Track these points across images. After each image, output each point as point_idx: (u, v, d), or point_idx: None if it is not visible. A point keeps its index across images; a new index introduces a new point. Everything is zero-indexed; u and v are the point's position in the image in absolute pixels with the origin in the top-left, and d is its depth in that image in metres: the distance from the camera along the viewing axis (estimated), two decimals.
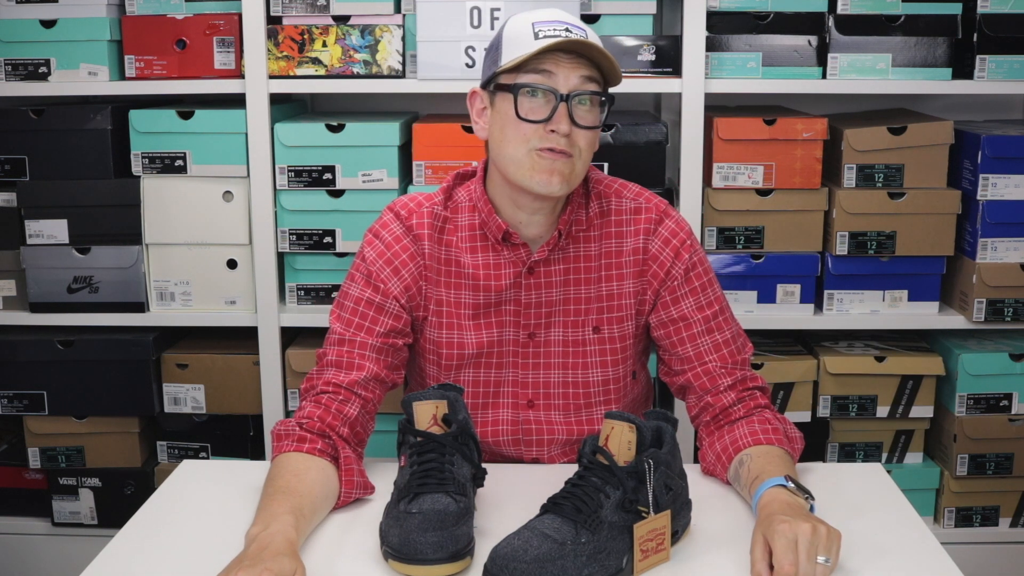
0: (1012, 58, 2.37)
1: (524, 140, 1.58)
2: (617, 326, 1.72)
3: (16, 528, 2.66)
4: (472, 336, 1.71)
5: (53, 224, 2.46)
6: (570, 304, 1.71)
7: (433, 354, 1.74)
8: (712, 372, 1.68)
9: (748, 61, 2.38)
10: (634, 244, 1.70)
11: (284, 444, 1.55)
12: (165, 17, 2.40)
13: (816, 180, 2.41)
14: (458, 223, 1.71)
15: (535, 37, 1.55)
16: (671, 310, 1.70)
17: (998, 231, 2.39)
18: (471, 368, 1.73)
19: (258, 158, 2.40)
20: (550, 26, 1.56)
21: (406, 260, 1.69)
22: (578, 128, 1.57)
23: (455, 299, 1.71)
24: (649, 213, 1.71)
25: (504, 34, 1.60)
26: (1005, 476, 2.52)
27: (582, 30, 1.58)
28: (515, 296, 1.70)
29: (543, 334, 1.72)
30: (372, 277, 1.68)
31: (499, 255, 1.69)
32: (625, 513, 1.32)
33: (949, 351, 2.49)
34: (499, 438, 1.75)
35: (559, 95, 1.55)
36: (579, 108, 1.58)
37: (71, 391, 2.54)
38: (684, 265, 1.70)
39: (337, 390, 1.61)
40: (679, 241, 1.70)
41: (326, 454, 1.54)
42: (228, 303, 2.50)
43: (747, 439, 1.59)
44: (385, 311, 1.68)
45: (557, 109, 1.55)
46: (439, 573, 1.30)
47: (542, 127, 1.56)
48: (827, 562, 1.29)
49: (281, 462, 1.52)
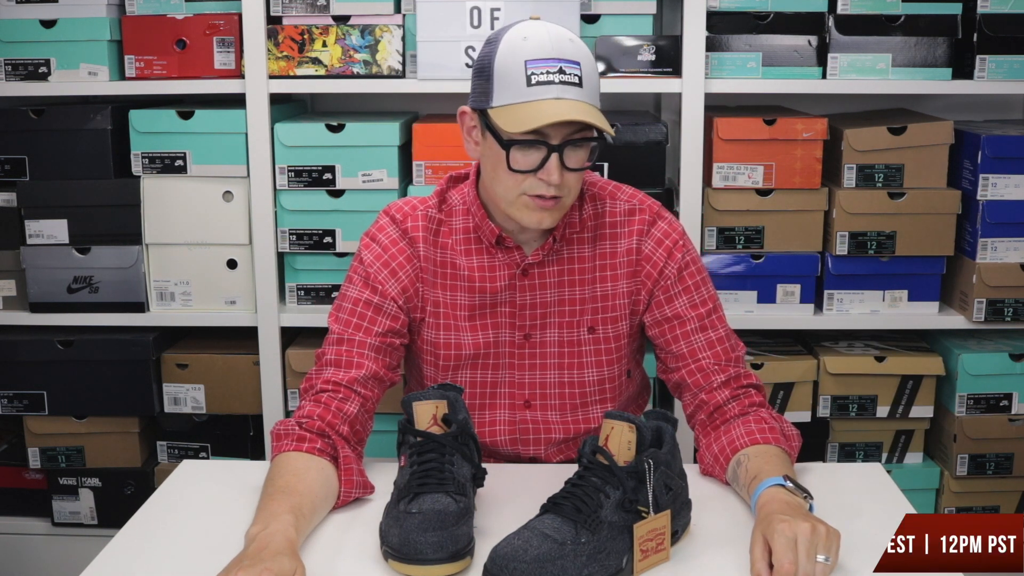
0: (1012, 58, 2.36)
1: (515, 185, 1.59)
2: (612, 326, 1.73)
3: (16, 528, 2.66)
4: (468, 337, 1.72)
5: (53, 224, 2.46)
6: (564, 305, 1.72)
7: (431, 355, 1.75)
8: (706, 369, 1.68)
9: (748, 61, 2.38)
10: (628, 245, 1.72)
11: (283, 444, 1.55)
12: (165, 17, 2.40)
13: (816, 180, 2.41)
14: (452, 226, 1.72)
15: (528, 83, 1.53)
16: (665, 309, 1.71)
17: (998, 231, 2.39)
18: (468, 369, 1.74)
19: (258, 158, 2.40)
20: (543, 67, 1.53)
21: (403, 263, 1.70)
22: (568, 172, 1.58)
23: (451, 300, 1.72)
24: (643, 215, 1.73)
25: (496, 65, 1.56)
26: (1005, 476, 2.51)
27: (575, 64, 1.54)
28: (510, 298, 1.71)
29: (538, 335, 1.73)
30: (370, 279, 1.69)
31: (493, 257, 1.71)
32: (625, 513, 1.32)
33: (949, 351, 2.49)
34: (496, 438, 1.76)
35: (550, 147, 1.55)
36: (570, 154, 1.57)
37: (71, 391, 2.53)
38: (677, 265, 1.71)
39: (337, 388, 1.62)
40: (671, 242, 1.72)
41: (326, 453, 1.54)
42: (228, 303, 2.50)
43: (744, 439, 1.59)
44: (383, 312, 1.68)
45: (548, 160, 1.56)
46: (439, 573, 1.30)
47: (532, 175, 1.57)
48: (827, 561, 1.29)
49: (281, 462, 1.52)
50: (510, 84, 1.55)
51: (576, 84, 1.54)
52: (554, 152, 1.55)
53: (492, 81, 1.57)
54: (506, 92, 1.55)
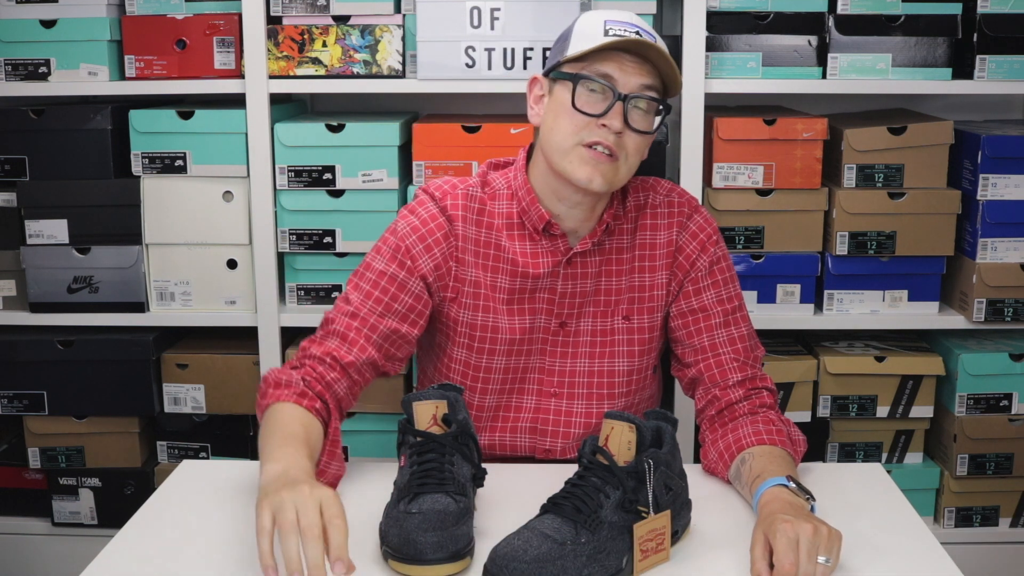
0: (1012, 58, 2.37)
1: (575, 131, 1.58)
2: (647, 316, 1.74)
3: (16, 528, 2.66)
4: (505, 321, 1.71)
5: (53, 224, 2.46)
6: (601, 295, 1.72)
7: (466, 336, 1.73)
8: (724, 365, 1.68)
9: (748, 61, 2.38)
10: (668, 237, 1.72)
11: (284, 393, 1.55)
12: (165, 17, 2.40)
13: (816, 180, 2.41)
14: (495, 209, 1.71)
15: (605, 34, 1.56)
16: (692, 300, 1.72)
17: (998, 231, 2.40)
18: (503, 355, 1.73)
19: (258, 158, 2.40)
20: (621, 26, 1.57)
21: (439, 239, 1.68)
22: (630, 130, 1.58)
23: (491, 282, 1.70)
24: (682, 207, 1.74)
25: (575, 27, 1.61)
26: (1005, 476, 2.52)
27: (651, 36, 1.58)
28: (551, 285, 1.70)
29: (574, 323, 1.73)
30: (400, 252, 1.67)
31: (537, 244, 1.69)
32: (625, 513, 1.32)
33: (949, 351, 2.49)
34: (519, 425, 1.76)
35: (617, 93, 1.56)
36: (635, 111, 1.58)
37: (71, 391, 2.54)
38: (709, 259, 1.72)
39: (334, 364, 1.62)
40: (706, 236, 1.73)
41: (320, 415, 1.56)
42: (228, 303, 2.50)
43: (750, 438, 1.59)
44: (407, 289, 1.66)
45: (613, 107, 1.56)
46: (439, 573, 1.30)
47: (594, 121, 1.57)
48: (828, 562, 1.29)
49: (285, 409, 1.52)
50: (587, 36, 1.57)
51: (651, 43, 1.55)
52: (620, 100, 1.56)
53: (569, 40, 1.60)
54: (582, 41, 1.58)
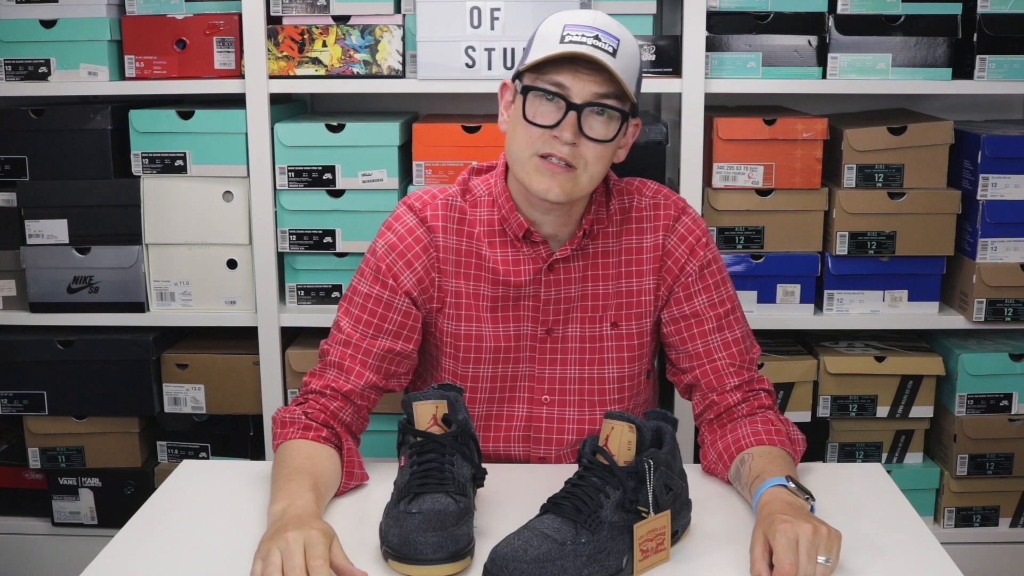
0: (1012, 58, 2.36)
1: (530, 143, 1.57)
2: (636, 322, 1.72)
3: (16, 528, 2.66)
4: (490, 329, 1.70)
5: (53, 224, 2.46)
6: (588, 300, 1.71)
7: (451, 347, 1.73)
8: (720, 370, 1.67)
9: (748, 61, 2.38)
10: (654, 241, 1.70)
11: (289, 431, 1.57)
12: (165, 17, 2.40)
13: (816, 180, 2.41)
14: (477, 217, 1.70)
15: (561, 40, 1.53)
16: (684, 306, 1.70)
17: (998, 231, 2.39)
18: (489, 364, 1.72)
19: (258, 158, 2.40)
20: (579, 31, 1.53)
21: (419, 252, 1.68)
22: (587, 140, 1.55)
23: (474, 291, 1.70)
24: (668, 210, 1.71)
25: (538, 31, 1.59)
26: (1005, 476, 2.51)
27: (613, 39, 1.54)
28: (534, 292, 1.69)
29: (561, 330, 1.72)
30: (382, 272, 1.67)
31: (518, 251, 1.68)
32: (625, 513, 1.31)
33: (949, 351, 2.49)
34: (511, 433, 1.75)
35: (570, 103, 1.53)
36: (592, 120, 1.55)
37: (71, 391, 2.53)
38: (699, 262, 1.70)
39: (335, 395, 1.64)
40: (695, 238, 1.70)
41: (330, 442, 1.57)
42: (228, 303, 2.50)
43: (749, 439, 1.59)
44: (394, 308, 1.67)
45: (566, 117, 1.53)
46: (439, 573, 1.30)
47: (548, 132, 1.55)
48: (827, 562, 1.29)
49: (290, 446, 1.55)
50: (545, 42, 1.55)
51: (609, 53, 1.52)
52: (573, 110, 1.53)
53: (532, 44, 1.59)
54: (539, 49, 1.56)
